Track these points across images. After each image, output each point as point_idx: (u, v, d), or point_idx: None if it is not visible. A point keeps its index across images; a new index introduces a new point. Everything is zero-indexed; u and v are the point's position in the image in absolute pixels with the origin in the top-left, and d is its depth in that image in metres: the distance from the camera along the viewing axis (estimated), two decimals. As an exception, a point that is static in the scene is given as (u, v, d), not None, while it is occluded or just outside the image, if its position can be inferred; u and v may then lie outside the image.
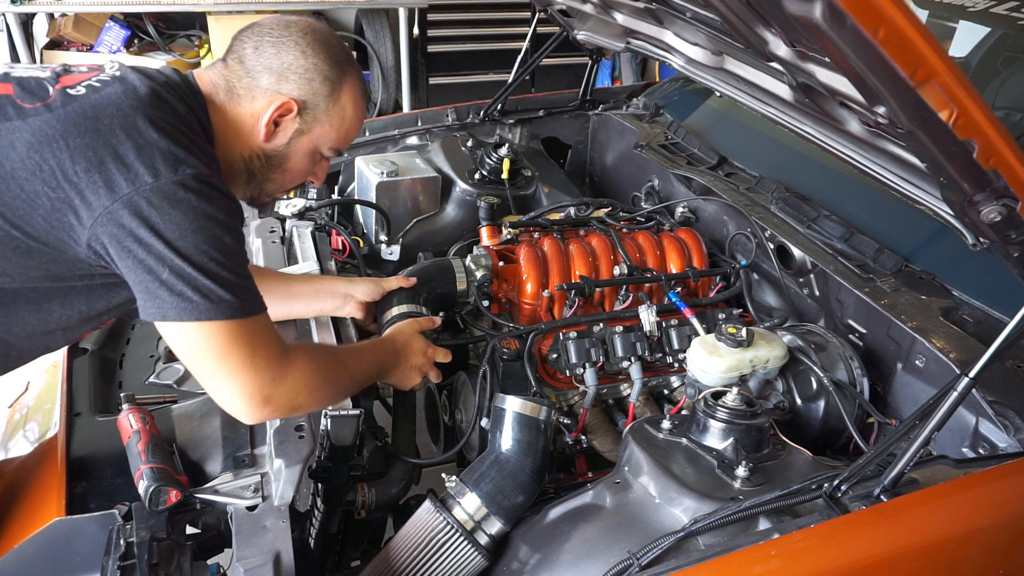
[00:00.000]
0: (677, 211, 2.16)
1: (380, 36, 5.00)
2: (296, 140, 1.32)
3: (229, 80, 1.27)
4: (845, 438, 1.53)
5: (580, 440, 1.64)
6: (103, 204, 1.06)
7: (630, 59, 5.23)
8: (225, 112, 1.28)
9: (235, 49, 1.29)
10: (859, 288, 1.61)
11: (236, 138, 1.29)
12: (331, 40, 1.29)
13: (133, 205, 1.06)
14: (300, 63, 1.25)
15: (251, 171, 1.34)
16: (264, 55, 1.25)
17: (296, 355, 1.21)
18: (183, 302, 1.08)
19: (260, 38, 1.26)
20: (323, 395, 1.26)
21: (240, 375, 1.13)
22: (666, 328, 1.74)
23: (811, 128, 1.53)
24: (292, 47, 1.25)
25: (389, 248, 2.19)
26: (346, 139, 1.37)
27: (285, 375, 1.18)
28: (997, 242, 1.15)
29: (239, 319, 1.12)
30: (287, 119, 1.28)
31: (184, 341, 1.13)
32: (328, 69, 1.27)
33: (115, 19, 4.51)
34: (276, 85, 1.26)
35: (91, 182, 1.06)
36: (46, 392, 1.63)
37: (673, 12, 1.62)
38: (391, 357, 1.48)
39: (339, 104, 1.31)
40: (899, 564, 1.08)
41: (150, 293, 1.09)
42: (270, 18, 1.29)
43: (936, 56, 0.87)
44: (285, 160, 1.34)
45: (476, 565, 1.27)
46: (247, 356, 1.13)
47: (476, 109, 2.66)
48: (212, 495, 1.22)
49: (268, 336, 1.18)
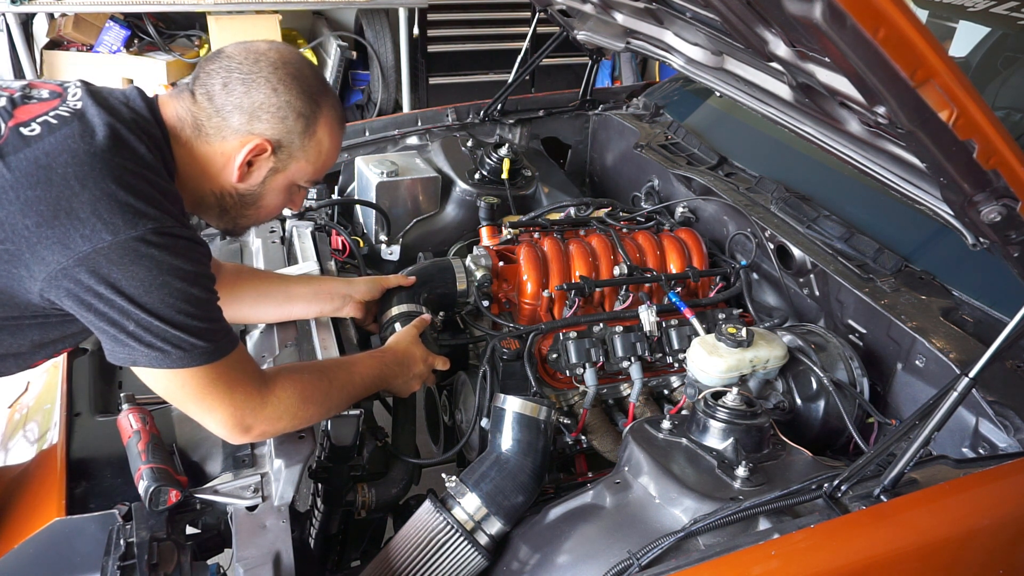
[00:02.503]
0: (677, 211, 2.16)
1: (380, 36, 5.00)
2: (271, 179, 1.27)
3: (197, 117, 1.20)
4: (845, 438, 1.53)
5: (580, 440, 1.64)
6: (57, 261, 1.01)
7: (630, 59, 5.23)
8: (192, 149, 1.21)
9: (203, 82, 1.20)
10: (859, 288, 1.61)
11: (204, 175, 1.24)
12: (304, 71, 1.22)
13: (90, 263, 1.01)
14: (272, 101, 1.19)
15: (223, 207, 1.29)
16: (234, 93, 1.18)
17: (276, 382, 1.21)
18: (154, 351, 1.06)
19: (229, 74, 1.19)
20: (308, 414, 1.25)
21: (219, 411, 1.15)
22: (666, 328, 1.74)
23: (811, 128, 1.53)
24: (263, 84, 1.18)
25: (389, 248, 2.19)
26: (323, 170, 1.32)
27: (265, 404, 1.18)
28: (997, 242, 1.15)
29: (212, 363, 1.11)
30: (261, 159, 1.23)
31: (159, 386, 1.12)
32: (302, 105, 1.21)
33: (115, 19, 4.51)
34: (248, 125, 1.19)
35: (43, 237, 1.01)
36: (46, 392, 1.63)
37: (673, 12, 1.62)
38: (392, 368, 1.46)
39: (315, 139, 1.25)
40: (899, 564, 1.08)
41: (117, 342, 1.06)
42: (239, 49, 1.22)
43: (936, 56, 0.87)
44: (260, 198, 1.30)
45: (476, 565, 1.27)
46: (224, 394, 1.14)
47: (476, 109, 2.66)
48: (212, 495, 1.22)
49: (243, 371, 1.17)
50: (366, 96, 5.25)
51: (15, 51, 4.28)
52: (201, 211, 1.30)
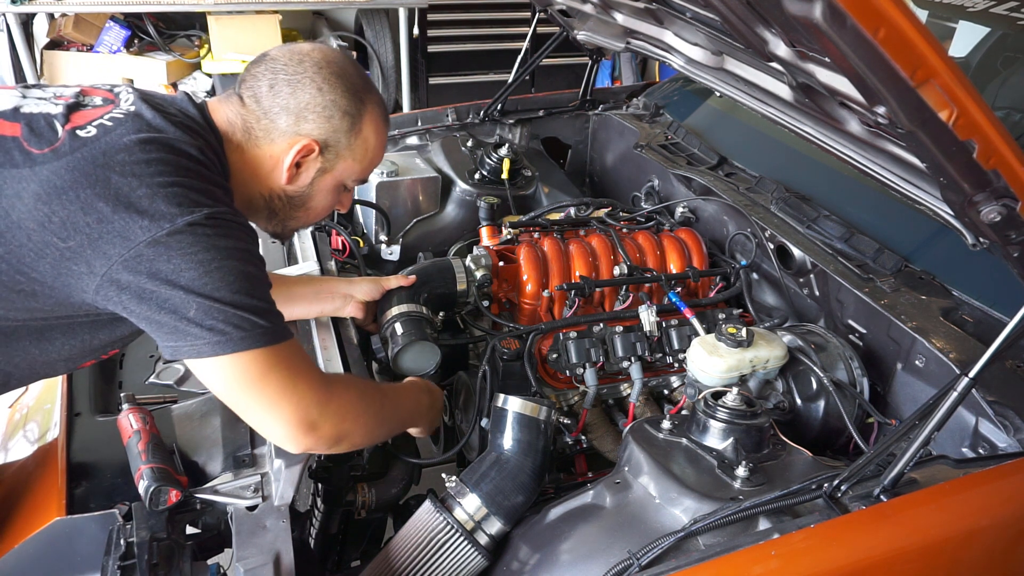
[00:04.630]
0: (677, 211, 2.16)
1: (380, 36, 5.00)
2: (319, 179, 1.29)
3: (247, 121, 1.23)
4: (845, 438, 1.53)
5: (580, 440, 1.64)
6: (118, 253, 1.03)
7: (630, 59, 5.23)
8: (243, 152, 1.24)
9: (250, 85, 1.24)
10: (859, 288, 1.61)
11: (254, 178, 1.26)
12: (347, 70, 1.25)
13: (150, 252, 1.03)
14: (318, 101, 1.21)
15: (272, 209, 1.32)
16: (280, 95, 1.21)
17: (337, 382, 1.21)
18: (216, 335, 1.05)
19: (275, 76, 1.21)
20: (368, 424, 1.24)
21: (283, 403, 1.11)
22: (666, 328, 1.74)
23: (811, 128, 1.53)
24: (308, 84, 1.21)
25: (389, 248, 2.19)
26: (370, 168, 1.34)
27: (329, 400, 1.16)
28: (997, 242, 1.15)
29: (273, 345, 1.10)
30: (309, 159, 1.25)
31: (222, 376, 1.10)
32: (347, 103, 1.23)
33: (115, 19, 4.51)
34: (295, 126, 1.22)
35: (104, 232, 1.03)
36: (46, 392, 1.63)
37: (673, 12, 1.62)
38: (426, 408, 1.48)
39: (361, 136, 1.27)
40: (899, 564, 1.08)
41: (179, 332, 1.06)
42: (283, 51, 1.25)
43: (936, 56, 0.87)
44: (309, 199, 1.32)
45: (476, 565, 1.27)
46: (288, 382, 1.11)
47: (476, 109, 2.66)
48: (212, 495, 1.22)
49: (305, 362, 1.16)
50: (366, 96, 5.25)
51: (15, 51, 4.28)
52: (251, 214, 1.30)
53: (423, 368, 1.63)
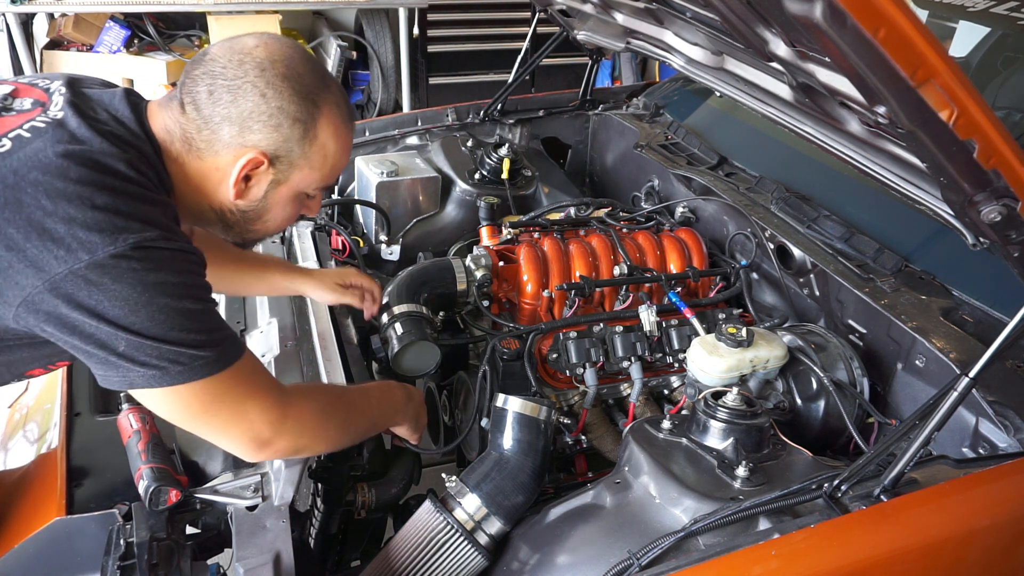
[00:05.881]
0: (677, 211, 2.16)
1: (380, 36, 5.00)
2: (273, 191, 1.15)
3: (186, 130, 1.09)
4: (845, 438, 1.53)
5: (580, 440, 1.64)
6: (32, 284, 0.93)
7: (630, 59, 5.24)
8: (183, 165, 1.11)
9: (189, 90, 1.08)
10: (859, 288, 1.61)
11: (200, 191, 1.13)
12: (296, 68, 1.09)
13: (68, 286, 0.92)
14: (262, 109, 1.06)
15: (226, 223, 1.19)
16: (220, 102, 1.06)
17: (293, 394, 1.14)
18: (150, 370, 0.97)
19: (213, 80, 1.06)
20: (329, 434, 1.20)
21: (231, 429, 1.07)
22: (666, 328, 1.74)
23: (811, 128, 1.53)
24: (250, 90, 1.05)
25: (389, 248, 2.20)
26: (333, 174, 1.20)
27: (284, 418, 1.10)
28: (997, 242, 1.15)
29: (218, 373, 1.02)
30: (259, 172, 1.11)
31: (163, 408, 1.04)
32: (297, 108, 1.08)
33: (115, 19, 4.51)
34: (239, 137, 1.07)
35: (15, 261, 0.93)
36: (46, 392, 1.63)
37: (673, 12, 1.62)
38: (401, 404, 1.41)
39: (317, 143, 1.12)
40: (899, 564, 1.08)
41: (108, 364, 0.98)
42: (224, 50, 1.09)
43: (936, 56, 0.87)
44: (264, 212, 1.18)
45: (476, 565, 1.27)
46: (236, 408, 1.06)
47: (476, 109, 2.66)
48: (212, 495, 1.22)
49: (255, 381, 1.09)
50: (366, 96, 5.26)
51: (15, 51, 4.28)
52: (203, 224, 1.20)
53: (423, 368, 1.63)
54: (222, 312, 1.76)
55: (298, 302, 1.72)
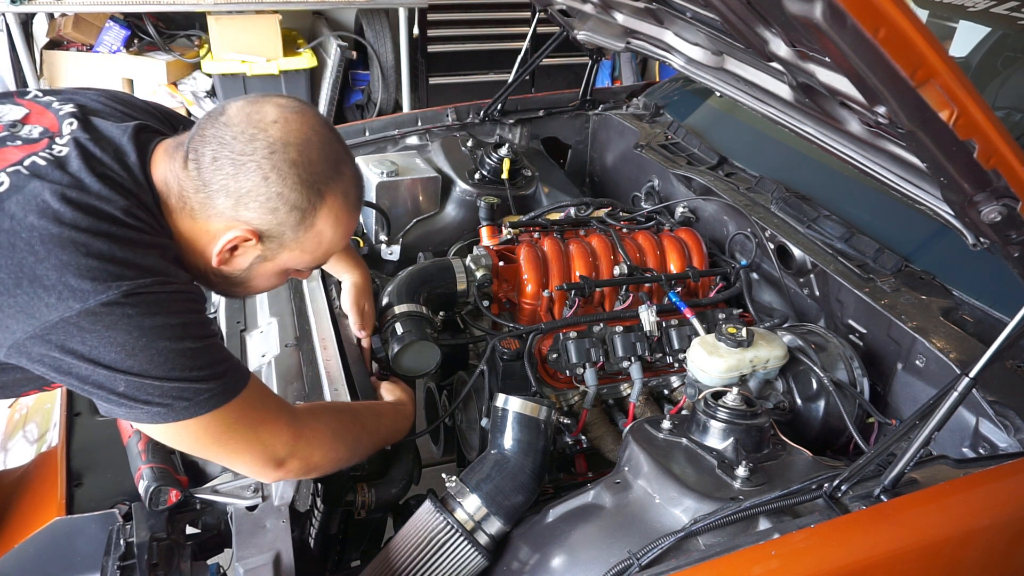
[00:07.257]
0: (677, 211, 2.16)
1: (380, 36, 5.00)
2: (258, 265, 1.13)
3: (183, 188, 1.06)
4: (845, 438, 1.53)
5: (580, 440, 1.64)
6: (22, 330, 0.92)
7: (630, 59, 5.24)
8: (177, 220, 1.08)
9: (195, 147, 1.05)
10: (859, 288, 1.61)
11: (190, 246, 1.10)
12: (309, 155, 1.05)
13: (58, 333, 0.91)
14: (261, 191, 1.03)
15: (210, 281, 1.18)
16: (221, 171, 1.03)
17: (305, 415, 1.15)
18: (154, 407, 0.96)
19: (221, 147, 1.03)
20: (341, 453, 1.21)
21: (245, 454, 1.07)
22: (666, 328, 1.74)
23: (811, 128, 1.53)
24: (254, 170, 1.02)
25: (389, 248, 2.19)
26: (325, 258, 1.18)
27: (298, 439, 1.11)
28: (997, 242, 1.15)
29: (225, 404, 1.01)
30: (246, 246, 1.09)
31: (172, 441, 1.03)
32: (298, 197, 1.04)
33: (115, 19, 4.51)
34: (232, 211, 1.04)
35: (5, 306, 0.92)
36: (46, 392, 1.63)
37: (673, 12, 1.62)
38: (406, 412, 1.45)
39: (313, 231, 1.09)
40: (899, 564, 1.08)
41: (111, 402, 0.97)
42: (240, 115, 1.05)
43: (936, 56, 0.87)
44: (248, 280, 1.17)
45: (476, 565, 1.27)
46: (248, 434, 1.06)
47: (476, 109, 2.66)
48: (212, 495, 1.22)
49: (265, 406, 1.09)
50: (366, 96, 5.25)
51: (15, 51, 4.28)
52: (191, 274, 1.16)
53: (423, 368, 1.63)
54: (222, 314, 1.76)
55: (298, 302, 1.72)
